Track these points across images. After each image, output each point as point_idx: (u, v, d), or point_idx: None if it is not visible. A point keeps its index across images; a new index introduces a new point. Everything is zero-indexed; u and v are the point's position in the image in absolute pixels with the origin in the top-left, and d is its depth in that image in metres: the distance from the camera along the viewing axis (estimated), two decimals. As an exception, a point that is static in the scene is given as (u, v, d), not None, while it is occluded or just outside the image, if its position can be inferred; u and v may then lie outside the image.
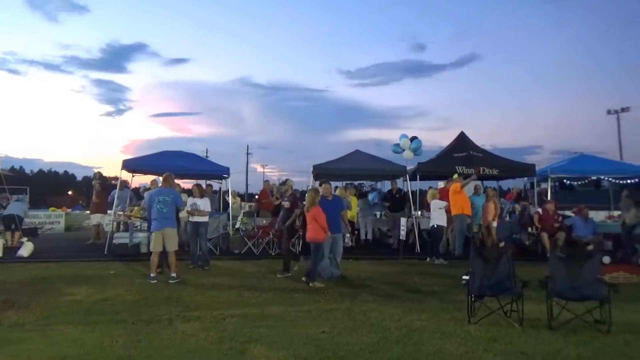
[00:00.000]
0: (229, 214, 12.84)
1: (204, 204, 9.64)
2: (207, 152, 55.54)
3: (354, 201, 12.80)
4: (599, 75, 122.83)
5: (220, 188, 14.46)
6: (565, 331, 5.19)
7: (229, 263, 10.29)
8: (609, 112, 40.78)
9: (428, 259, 10.76)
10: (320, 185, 9.01)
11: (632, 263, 8.78)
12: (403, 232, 10.98)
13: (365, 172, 13.97)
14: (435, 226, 10.67)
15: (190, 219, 9.61)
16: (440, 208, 10.69)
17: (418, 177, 13.17)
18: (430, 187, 12.55)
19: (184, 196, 9.80)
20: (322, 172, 12.91)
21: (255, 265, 9.91)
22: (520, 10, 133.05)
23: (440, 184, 13.64)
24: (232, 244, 12.35)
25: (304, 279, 8.14)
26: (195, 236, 9.62)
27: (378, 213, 14.38)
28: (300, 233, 9.92)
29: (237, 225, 13.16)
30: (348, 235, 12.20)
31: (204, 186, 11.67)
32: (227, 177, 13.34)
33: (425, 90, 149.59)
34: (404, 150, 13.86)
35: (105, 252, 11.39)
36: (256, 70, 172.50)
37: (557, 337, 5.03)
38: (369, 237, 13.62)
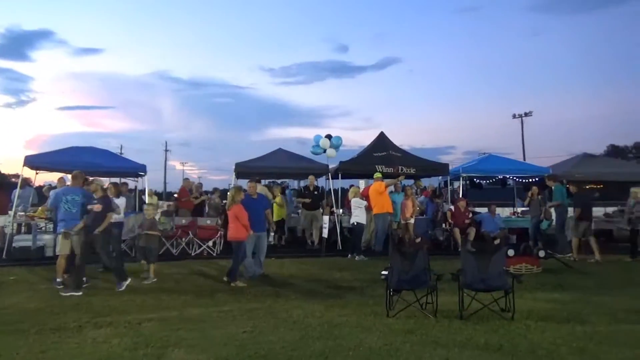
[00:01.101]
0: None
1: (121, 203, 9.14)
2: (121, 149, 52.87)
3: (279, 199, 12.79)
4: (506, 82, 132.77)
5: (136, 187, 13.75)
6: (474, 320, 5.53)
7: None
8: (514, 116, 44.40)
9: (349, 255, 10.98)
10: (249, 183, 8.89)
11: (533, 255, 9.55)
12: (325, 230, 11.14)
13: (288, 171, 14.00)
14: (356, 223, 10.92)
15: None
16: (360, 207, 10.96)
17: (340, 175, 13.41)
18: (351, 186, 12.85)
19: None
20: (244, 171, 12.75)
21: (174, 267, 9.54)
22: (438, 18, 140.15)
23: (361, 183, 13.99)
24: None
25: (225, 278, 7.97)
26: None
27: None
28: (222, 232, 9.72)
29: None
30: (272, 234, 12.15)
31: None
32: (143, 175, 12.72)
33: (348, 91, 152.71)
34: (324, 150, 14.03)
35: (4, 257, 10.42)
36: (175, 63, 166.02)
37: (468, 325, 5.34)
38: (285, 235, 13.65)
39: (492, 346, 4.64)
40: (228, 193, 8.55)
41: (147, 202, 12.84)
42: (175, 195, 16.81)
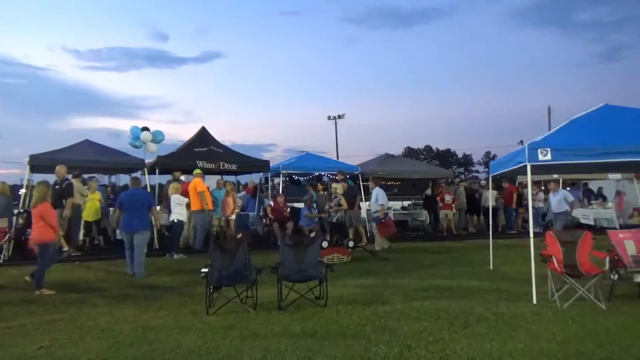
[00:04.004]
0: None
1: None
2: None
3: (96, 196, 11.59)
4: (323, 85, 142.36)
5: None
6: (292, 310, 5.78)
7: None
8: (329, 117, 47.72)
9: (167, 254, 10.49)
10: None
11: (344, 246, 10.44)
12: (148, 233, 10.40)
13: (97, 165, 12.64)
14: (176, 221, 10.48)
15: None
16: (180, 204, 10.52)
17: (157, 170, 12.68)
18: (169, 181, 12.25)
19: None
20: (41, 164, 11.14)
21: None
22: (261, 18, 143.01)
23: (182, 178, 13.45)
24: None
25: (27, 277, 6.93)
26: None
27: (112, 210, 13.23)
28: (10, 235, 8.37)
29: None
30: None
31: None
32: None
33: (167, 82, 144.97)
34: (144, 143, 13.11)
35: None
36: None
37: (285, 315, 5.56)
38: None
39: (308, 332, 4.91)
40: (35, 189, 7.42)
41: None
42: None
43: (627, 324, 5.01)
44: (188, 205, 10.94)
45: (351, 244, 10.70)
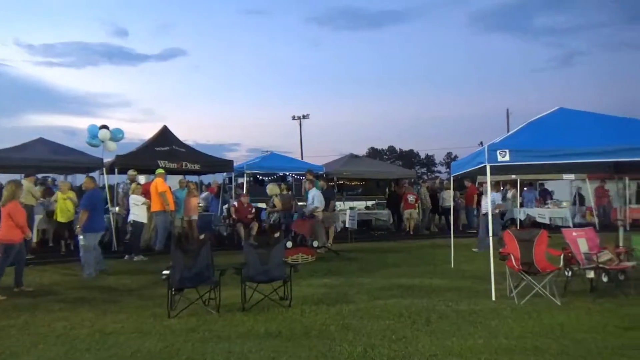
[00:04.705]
0: None
1: None
2: None
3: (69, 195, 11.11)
4: (287, 84, 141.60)
5: None
6: (256, 311, 5.73)
7: None
8: (293, 117, 47.68)
9: (126, 256, 10.21)
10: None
11: (308, 246, 10.42)
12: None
13: (51, 164, 12.14)
14: (134, 222, 10.21)
15: None
16: (138, 204, 10.25)
17: (116, 170, 12.30)
18: (130, 182, 11.90)
19: None
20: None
21: None
22: (225, 16, 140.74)
23: (141, 178, 13.11)
24: None
25: None
26: None
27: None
28: None
29: None
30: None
31: None
32: None
33: (127, 79, 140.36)
34: (103, 142, 12.68)
35: None
36: None
37: (249, 317, 5.50)
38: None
39: (272, 333, 4.88)
40: (5, 188, 7.30)
41: None
42: None
43: (580, 319, 5.22)
44: (149, 206, 10.68)
45: (316, 243, 10.70)
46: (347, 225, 13.47)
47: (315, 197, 11.55)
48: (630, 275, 6.70)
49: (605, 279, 6.72)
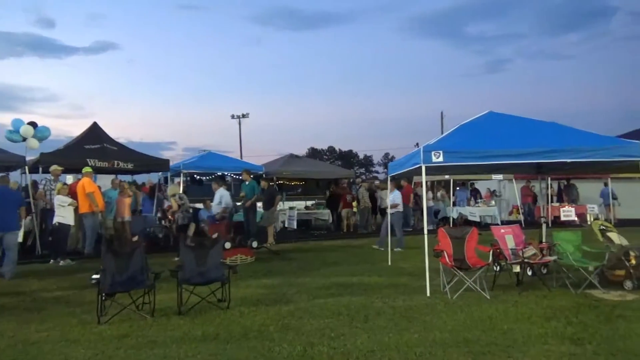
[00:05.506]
0: None
1: None
2: None
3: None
4: (226, 82, 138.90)
5: None
6: (193, 314, 5.57)
7: None
8: (232, 116, 46.86)
9: (52, 260, 9.62)
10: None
11: (248, 246, 10.29)
12: (20, 233, 9.40)
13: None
14: (59, 224, 9.62)
15: None
16: (63, 205, 9.67)
17: (41, 169, 11.53)
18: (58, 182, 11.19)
19: None
20: None
21: None
22: (159, 9, 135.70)
23: (68, 178, 12.39)
24: None
25: None
26: None
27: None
28: None
29: None
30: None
31: None
32: None
33: (54, 73, 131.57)
34: (25, 138, 11.83)
35: None
36: None
37: (186, 320, 5.34)
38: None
39: (209, 336, 4.76)
40: None
41: None
42: None
43: (507, 311, 5.52)
44: (77, 208, 10.11)
45: (255, 244, 10.59)
46: (286, 225, 13.47)
47: (223, 197, 11.43)
48: (552, 268, 7.20)
49: (529, 273, 7.18)
